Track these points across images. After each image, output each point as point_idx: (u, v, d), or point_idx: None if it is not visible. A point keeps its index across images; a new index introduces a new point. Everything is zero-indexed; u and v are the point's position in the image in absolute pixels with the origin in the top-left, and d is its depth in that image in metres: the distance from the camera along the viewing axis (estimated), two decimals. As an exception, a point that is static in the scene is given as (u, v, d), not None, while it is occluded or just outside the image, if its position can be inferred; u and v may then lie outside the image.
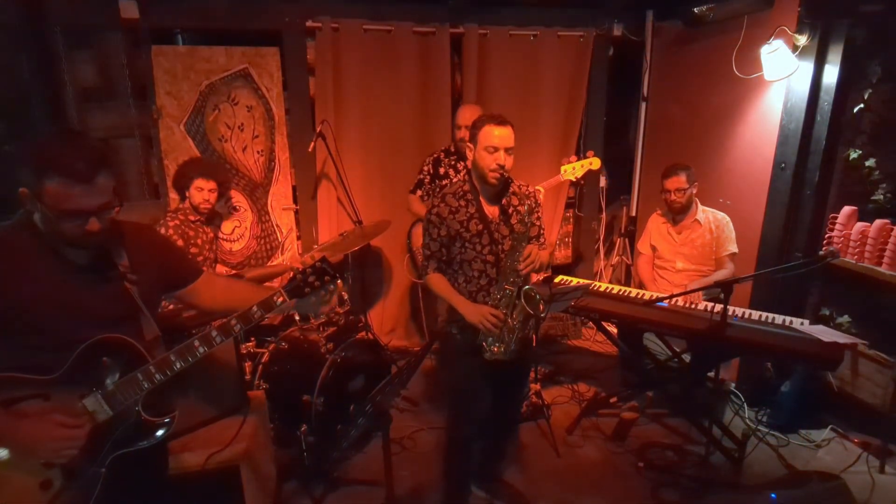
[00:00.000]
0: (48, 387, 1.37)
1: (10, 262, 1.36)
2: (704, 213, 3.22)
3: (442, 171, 3.35)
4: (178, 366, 1.48)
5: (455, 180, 2.47)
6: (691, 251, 3.24)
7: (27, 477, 1.36)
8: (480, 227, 2.19)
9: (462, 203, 2.20)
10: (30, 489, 1.36)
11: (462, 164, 3.31)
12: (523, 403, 3.21)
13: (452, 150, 3.38)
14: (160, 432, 1.50)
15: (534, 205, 2.22)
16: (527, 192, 2.26)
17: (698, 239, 3.22)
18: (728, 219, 3.20)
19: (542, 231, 2.36)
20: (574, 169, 3.27)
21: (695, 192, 3.20)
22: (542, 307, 2.15)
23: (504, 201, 2.24)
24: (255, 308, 1.54)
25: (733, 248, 3.17)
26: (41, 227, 1.36)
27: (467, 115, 3.16)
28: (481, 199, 2.21)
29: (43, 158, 1.29)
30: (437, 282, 2.28)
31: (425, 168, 3.41)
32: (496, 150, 2.09)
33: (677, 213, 3.26)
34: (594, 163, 3.27)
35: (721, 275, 3.10)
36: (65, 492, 1.39)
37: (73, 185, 1.28)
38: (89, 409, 1.40)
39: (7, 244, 1.38)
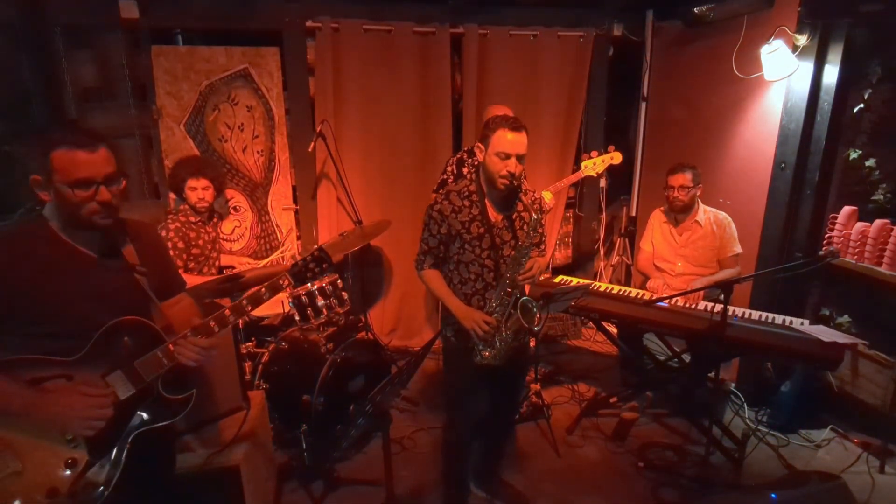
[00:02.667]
0: (71, 367, 1.42)
1: (26, 255, 1.42)
2: (706, 214, 3.20)
3: (465, 171, 3.29)
4: None
5: (462, 179, 2.38)
6: (692, 252, 3.22)
7: (52, 455, 1.41)
8: (482, 230, 2.14)
9: (466, 203, 2.15)
10: (55, 467, 1.40)
11: None
12: (523, 404, 3.21)
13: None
14: (179, 409, 1.56)
15: (539, 216, 2.15)
16: (533, 199, 2.21)
17: (700, 241, 3.19)
18: (730, 219, 3.18)
19: (543, 238, 2.33)
20: (595, 164, 3.25)
21: (698, 193, 3.17)
22: (537, 320, 2.11)
23: (510, 207, 2.19)
24: (263, 290, 1.62)
25: (738, 249, 3.15)
26: (57, 215, 1.45)
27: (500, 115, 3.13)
28: (487, 202, 2.16)
29: (48, 137, 1.40)
30: (433, 279, 2.25)
31: (448, 168, 3.35)
32: (508, 156, 2.03)
33: (678, 212, 3.23)
34: (615, 157, 3.25)
35: (726, 275, 3.09)
36: (89, 470, 1.43)
37: (78, 151, 1.38)
38: (112, 386, 1.45)
39: (21, 238, 1.45)
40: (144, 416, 1.51)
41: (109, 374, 1.45)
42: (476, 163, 3.06)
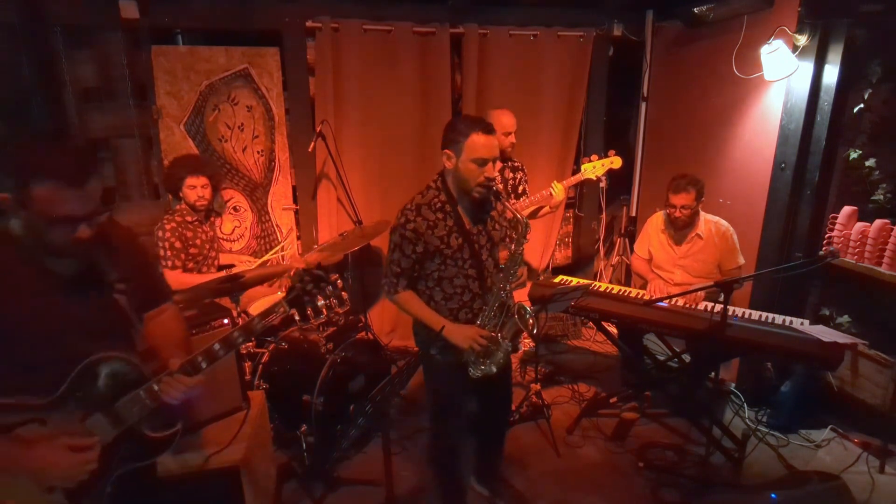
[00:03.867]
0: (43, 411, 1.30)
1: None
2: (707, 225, 3.12)
3: None
4: None
5: (427, 190, 2.13)
6: (692, 264, 3.17)
7: (29, 502, 1.30)
8: (460, 240, 2.03)
9: (440, 216, 2.01)
10: None
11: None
12: (523, 404, 3.21)
13: None
14: (164, 447, 1.46)
15: (527, 221, 2.06)
16: (514, 205, 2.18)
17: (700, 253, 3.14)
18: (732, 229, 3.12)
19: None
20: (595, 167, 3.24)
21: (700, 206, 3.11)
22: (531, 325, 2.08)
23: (484, 212, 2.11)
24: (256, 320, 1.52)
25: (741, 261, 3.12)
26: (21, 235, 1.27)
27: (505, 121, 3.08)
28: (459, 209, 2.05)
29: (31, 162, 1.21)
30: (410, 301, 2.11)
31: None
32: (485, 161, 1.93)
33: (680, 229, 3.16)
34: (615, 162, 3.24)
35: None
36: None
37: (65, 190, 1.21)
38: (92, 432, 1.34)
39: None
40: (127, 457, 1.40)
41: (88, 418, 1.33)
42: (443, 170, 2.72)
